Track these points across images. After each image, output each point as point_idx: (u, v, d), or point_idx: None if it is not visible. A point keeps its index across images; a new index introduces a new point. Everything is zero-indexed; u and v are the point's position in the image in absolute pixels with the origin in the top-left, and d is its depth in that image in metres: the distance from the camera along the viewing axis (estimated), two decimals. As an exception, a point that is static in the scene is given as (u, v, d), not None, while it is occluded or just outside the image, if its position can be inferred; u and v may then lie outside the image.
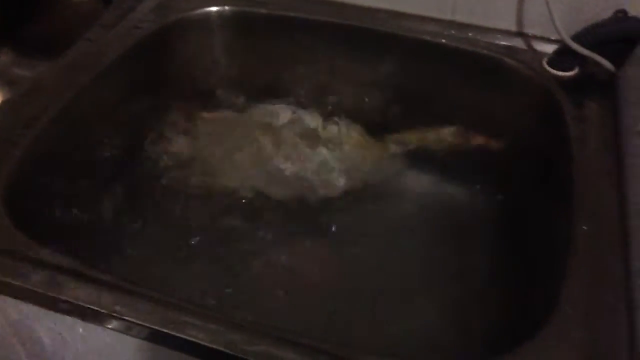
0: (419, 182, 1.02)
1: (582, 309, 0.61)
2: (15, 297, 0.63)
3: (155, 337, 0.59)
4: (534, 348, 0.58)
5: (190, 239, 0.93)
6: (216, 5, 1.05)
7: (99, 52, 0.94)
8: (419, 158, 1.03)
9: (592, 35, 0.89)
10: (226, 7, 1.05)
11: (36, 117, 0.82)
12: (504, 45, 0.97)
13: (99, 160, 0.92)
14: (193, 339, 0.57)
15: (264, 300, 0.85)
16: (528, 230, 0.86)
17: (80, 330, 0.64)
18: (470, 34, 0.98)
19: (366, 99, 1.07)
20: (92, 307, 0.60)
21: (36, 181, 0.80)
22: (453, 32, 0.99)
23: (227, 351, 0.55)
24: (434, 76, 1.00)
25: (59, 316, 0.62)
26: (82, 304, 0.60)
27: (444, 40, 0.98)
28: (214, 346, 0.56)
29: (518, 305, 0.75)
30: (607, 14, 0.89)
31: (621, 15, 0.89)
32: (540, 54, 0.95)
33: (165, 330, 0.58)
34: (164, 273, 0.87)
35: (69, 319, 0.62)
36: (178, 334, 0.57)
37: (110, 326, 0.60)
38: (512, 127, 0.95)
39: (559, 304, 0.62)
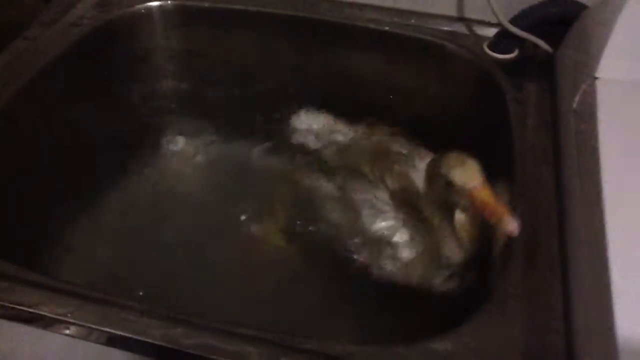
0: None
1: (520, 286, 0.63)
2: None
3: (99, 338, 0.58)
4: (475, 324, 0.60)
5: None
6: (158, 0, 1.03)
7: (37, 50, 0.92)
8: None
9: (529, 18, 0.91)
10: (169, 1, 1.03)
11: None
12: (446, 30, 0.98)
13: (41, 162, 0.90)
14: (133, 336, 0.56)
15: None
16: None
17: (27, 335, 0.63)
18: (413, 21, 0.99)
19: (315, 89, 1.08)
20: (36, 311, 0.59)
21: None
22: (396, 19, 1.00)
23: (167, 345, 0.55)
24: (378, 64, 1.00)
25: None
26: (24, 308, 0.59)
27: (387, 28, 0.99)
28: (152, 341, 0.56)
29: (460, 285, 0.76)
30: (542, -5, 0.91)
31: (556, -3, 0.91)
32: (481, 38, 0.96)
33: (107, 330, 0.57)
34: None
35: (13, 325, 0.61)
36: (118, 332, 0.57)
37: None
38: (455, 110, 0.97)
39: (499, 280, 0.64)
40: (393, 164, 0.88)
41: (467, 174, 0.70)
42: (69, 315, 0.58)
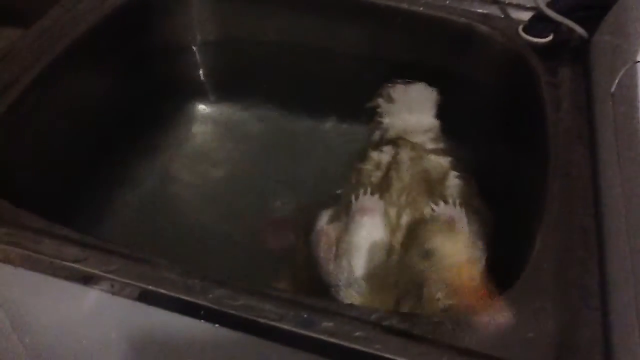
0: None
1: (554, 263, 0.63)
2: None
3: (141, 296, 0.60)
4: (510, 298, 0.60)
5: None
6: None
7: (73, 19, 0.93)
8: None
9: (565, 2, 0.91)
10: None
11: (10, 85, 0.80)
12: (480, 12, 0.98)
13: (78, 130, 0.91)
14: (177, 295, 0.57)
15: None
16: (503, 190, 0.88)
17: (62, 290, 0.64)
18: (447, 2, 0.99)
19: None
20: (71, 265, 0.60)
21: (13, 150, 0.79)
22: (430, 0, 1.00)
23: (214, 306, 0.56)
24: (412, 44, 1.00)
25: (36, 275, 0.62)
26: (65, 263, 0.61)
27: (421, 9, 0.99)
28: (199, 301, 0.57)
29: (497, 260, 0.77)
30: (580, -19, 0.91)
31: (594, -18, 0.91)
32: (516, 21, 0.96)
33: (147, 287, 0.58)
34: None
35: (46, 278, 0.62)
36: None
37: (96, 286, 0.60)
38: (490, 92, 0.97)
39: (533, 259, 0.65)
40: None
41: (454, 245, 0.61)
42: (112, 272, 0.59)
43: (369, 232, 0.70)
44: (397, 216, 0.74)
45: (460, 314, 0.58)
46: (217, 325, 0.56)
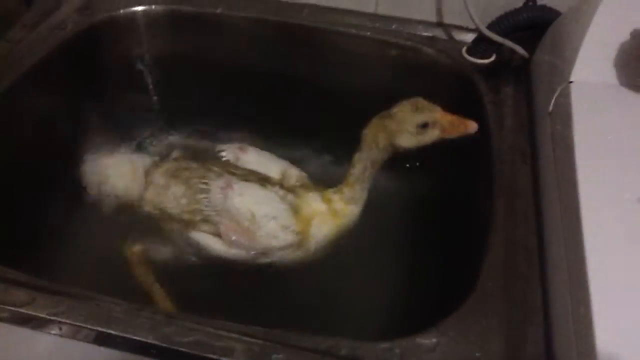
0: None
1: (500, 281, 0.65)
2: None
3: (83, 335, 0.59)
4: (455, 320, 0.62)
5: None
6: (143, 5, 1.04)
7: (20, 53, 0.92)
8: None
9: (505, 24, 0.94)
10: (153, 6, 1.04)
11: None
12: (425, 35, 1.01)
13: (26, 168, 0.90)
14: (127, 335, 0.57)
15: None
16: (452, 210, 0.90)
17: (21, 336, 0.63)
18: (393, 26, 1.02)
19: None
20: (29, 312, 0.59)
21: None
22: (377, 24, 1.02)
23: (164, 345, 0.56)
24: (361, 67, 1.03)
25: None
26: (19, 310, 0.60)
27: (369, 33, 1.01)
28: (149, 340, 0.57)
29: (449, 283, 0.78)
30: (518, 2, 0.95)
31: (531, 4, 0.94)
32: (460, 43, 0.99)
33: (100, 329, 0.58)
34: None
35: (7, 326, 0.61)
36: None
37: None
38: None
39: (480, 277, 0.66)
40: None
41: (431, 107, 0.79)
42: (60, 315, 0.58)
43: None
44: None
45: (407, 341, 0.59)
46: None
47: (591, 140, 0.69)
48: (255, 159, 0.93)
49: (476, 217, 0.79)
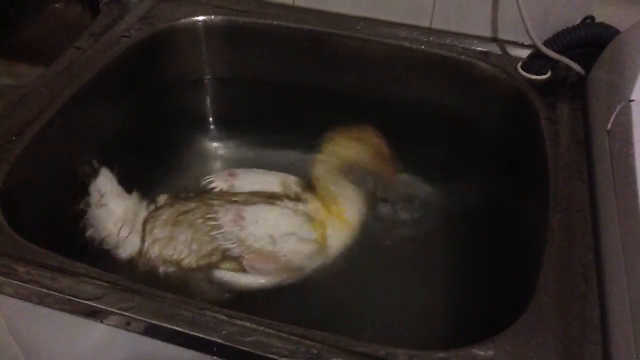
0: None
1: (556, 297, 0.65)
2: (11, 295, 0.65)
3: (150, 331, 0.62)
4: (513, 334, 0.62)
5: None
6: (203, 15, 1.08)
7: (88, 60, 0.96)
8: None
9: (562, 41, 0.94)
10: (213, 16, 1.08)
11: (28, 125, 0.84)
12: (480, 50, 1.01)
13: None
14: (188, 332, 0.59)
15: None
16: (505, 225, 0.90)
17: (75, 325, 0.67)
18: (448, 41, 1.03)
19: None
20: (88, 303, 0.62)
21: (29, 186, 0.82)
22: (432, 38, 1.03)
23: (225, 343, 0.58)
24: (415, 81, 1.04)
25: (53, 312, 0.64)
26: (80, 300, 0.63)
27: (423, 47, 1.02)
28: (211, 338, 0.59)
29: (499, 296, 0.79)
30: (576, 20, 0.95)
31: (589, 22, 0.94)
32: (515, 59, 1.00)
33: (162, 324, 0.60)
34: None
35: (63, 315, 0.64)
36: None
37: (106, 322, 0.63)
38: (490, 128, 0.99)
39: (536, 293, 0.66)
40: None
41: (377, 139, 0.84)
42: (130, 310, 0.61)
43: None
44: None
45: (464, 351, 0.59)
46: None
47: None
48: (249, 179, 0.89)
49: (530, 232, 0.80)
